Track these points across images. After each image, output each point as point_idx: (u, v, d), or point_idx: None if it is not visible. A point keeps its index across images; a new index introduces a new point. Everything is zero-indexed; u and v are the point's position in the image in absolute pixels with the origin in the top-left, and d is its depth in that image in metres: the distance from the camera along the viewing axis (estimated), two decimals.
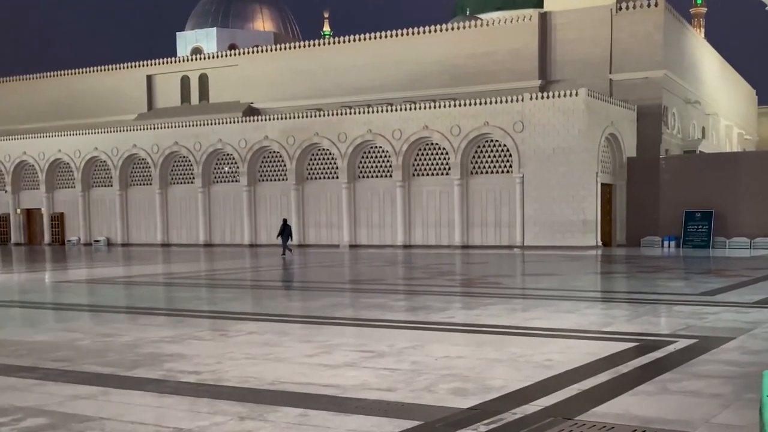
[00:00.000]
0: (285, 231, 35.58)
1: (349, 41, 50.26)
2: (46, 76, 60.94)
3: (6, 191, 55.02)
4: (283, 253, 35.60)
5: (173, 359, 9.80)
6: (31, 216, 55.21)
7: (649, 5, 43.24)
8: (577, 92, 37.64)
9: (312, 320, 13.39)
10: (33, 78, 61.73)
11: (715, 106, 54.13)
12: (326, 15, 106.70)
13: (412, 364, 9.14)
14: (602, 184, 38.78)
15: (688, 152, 46.03)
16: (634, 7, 43.39)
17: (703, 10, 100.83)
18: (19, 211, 55.25)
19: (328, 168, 44.27)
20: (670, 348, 9.97)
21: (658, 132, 42.90)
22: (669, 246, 38.32)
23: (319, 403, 7.36)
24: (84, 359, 9.98)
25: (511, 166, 39.30)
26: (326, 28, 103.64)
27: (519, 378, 8.27)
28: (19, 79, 62.56)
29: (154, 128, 49.40)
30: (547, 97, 38.42)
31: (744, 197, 37.70)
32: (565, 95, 37.85)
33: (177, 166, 49.00)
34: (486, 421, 6.62)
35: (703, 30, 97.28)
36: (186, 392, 8.00)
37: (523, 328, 12.02)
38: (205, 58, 56.45)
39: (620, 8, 43.52)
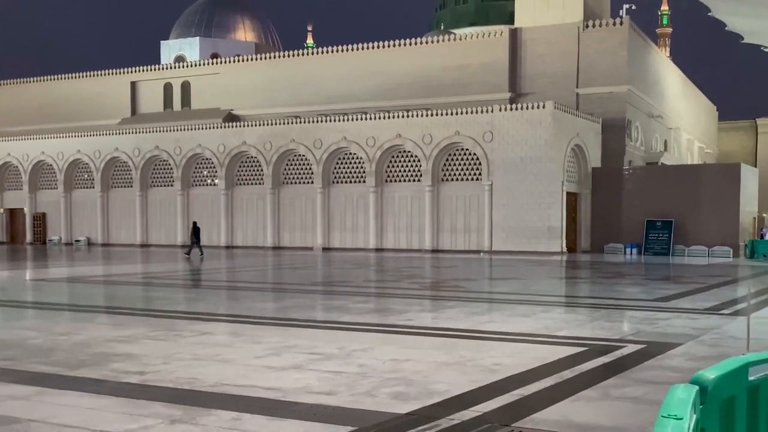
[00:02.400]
0: (195, 233, 36.21)
1: (327, 52, 49.92)
2: (33, 81, 60.04)
3: None
4: (187, 254, 35.75)
5: (120, 359, 9.31)
6: (13, 215, 54.23)
7: (614, 24, 43.32)
8: (544, 105, 37.52)
9: (268, 321, 12.92)
10: (19, 82, 60.80)
11: (677, 120, 54.37)
12: (310, 28, 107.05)
13: (358, 367, 8.71)
14: (568, 193, 38.64)
15: (651, 164, 46.08)
16: (601, 25, 43.45)
17: (669, 30, 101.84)
18: (1, 210, 54.26)
19: (304, 173, 43.86)
20: (618, 353, 9.62)
21: (622, 144, 42.91)
22: (631, 253, 38.20)
23: (255, 407, 6.91)
24: (30, 358, 9.46)
25: (480, 174, 39.08)
26: (309, 41, 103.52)
27: (463, 382, 7.86)
28: (6, 83, 61.55)
29: (136, 132, 48.80)
30: (516, 108, 38.28)
31: (703, 207, 37.69)
32: (532, 107, 37.71)
33: (157, 169, 48.41)
34: (421, 427, 6.20)
35: (667, 49, 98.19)
36: (124, 393, 7.52)
37: (477, 331, 11.62)
38: (187, 66, 55.85)
39: (587, 26, 43.58)
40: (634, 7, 45.89)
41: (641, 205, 38.93)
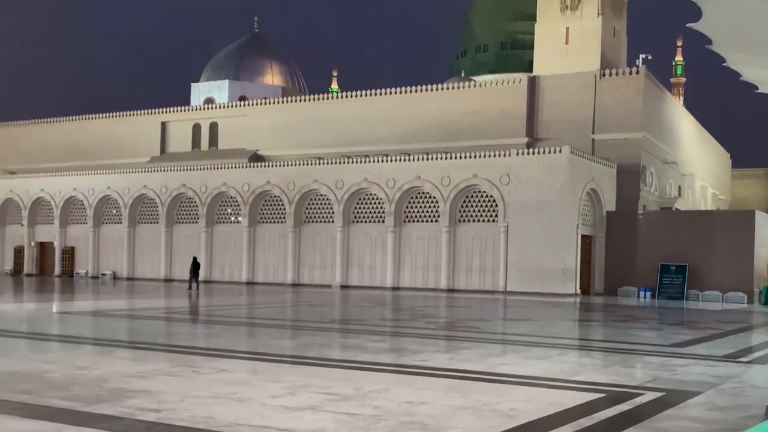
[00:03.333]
0: (195, 268, 36.73)
1: (350, 97, 50.23)
2: (67, 120, 60.80)
3: (23, 225, 54.46)
4: (190, 288, 36.16)
5: (137, 395, 9.07)
6: (44, 249, 54.51)
7: (630, 73, 43.29)
8: (560, 149, 37.32)
9: (285, 359, 12.64)
10: (53, 121, 61.59)
11: (691, 167, 53.91)
12: (335, 73, 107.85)
13: (373, 409, 8.40)
14: (582, 236, 38.24)
15: (665, 209, 45.56)
16: (617, 74, 43.44)
17: (683, 80, 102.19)
18: (33, 243, 54.57)
19: (325, 212, 43.80)
20: (637, 401, 9.23)
21: (637, 189, 42.52)
22: (645, 296, 37.53)
23: None
24: (48, 392, 9.25)
25: (496, 215, 38.81)
26: (334, 85, 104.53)
27: (480, 428, 7.53)
28: (40, 122, 62.41)
29: (164, 171, 49.14)
30: (533, 153, 38.14)
31: (717, 253, 37.06)
32: (549, 152, 37.54)
33: (183, 206, 48.57)
34: None
35: (681, 97, 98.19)
36: (138, 431, 7.27)
37: (492, 374, 11.26)
38: (216, 108, 56.37)
39: (604, 74, 43.60)
40: (649, 57, 45.90)
41: (655, 249, 38.36)
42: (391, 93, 48.67)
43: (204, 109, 56.82)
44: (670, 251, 37.88)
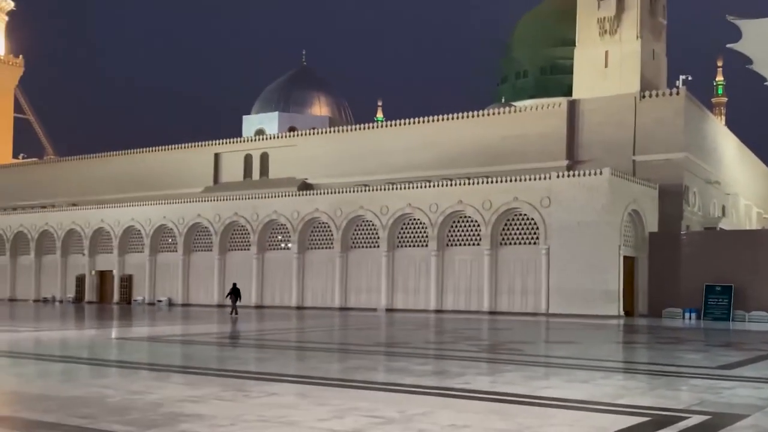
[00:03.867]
0: (235, 293, 37.03)
1: (394, 125, 50.57)
2: (125, 153, 62.34)
3: (84, 254, 55.81)
4: (233, 313, 36.43)
5: (190, 420, 9.14)
6: (103, 277, 55.75)
7: (671, 93, 42.74)
8: (601, 171, 36.93)
9: (333, 383, 12.63)
10: (113, 154, 63.19)
11: (735, 186, 52.68)
12: (380, 103, 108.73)
13: None
14: (624, 257, 37.61)
15: (709, 229, 44.53)
16: (657, 95, 42.91)
17: (724, 99, 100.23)
18: (93, 272, 55.85)
19: (371, 238, 44.02)
20: (682, 424, 8.96)
21: (679, 209, 41.68)
22: (690, 318, 36.66)
23: None
24: (106, 417, 9.39)
25: (537, 238, 38.47)
26: (379, 114, 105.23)
27: None
28: (100, 156, 64.10)
29: (217, 200, 49.94)
30: (573, 175, 37.78)
31: (763, 273, 36.04)
32: (589, 174, 37.16)
33: (235, 234, 49.29)
34: None
35: (723, 117, 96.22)
36: None
37: (535, 397, 11.07)
38: (266, 139, 57.24)
39: (644, 96, 43.07)
40: (690, 78, 45.26)
41: (699, 269, 37.48)
42: (432, 120, 48.84)
43: (255, 140, 57.70)
44: (714, 272, 36.97)
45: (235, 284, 38.98)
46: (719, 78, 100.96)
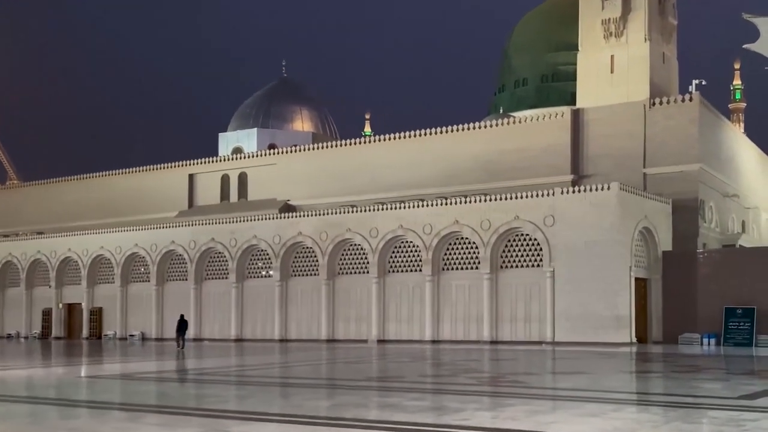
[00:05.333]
0: (182, 326, 38.18)
1: (383, 140, 50.70)
2: (93, 176, 62.35)
3: (50, 286, 55.56)
4: (180, 347, 37.33)
5: None
6: (71, 310, 55.49)
7: (683, 100, 42.90)
8: (609, 186, 37.09)
9: (320, 421, 12.58)
10: (80, 178, 63.22)
11: (755, 199, 52.91)
12: (367, 117, 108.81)
13: None
14: (636, 279, 37.64)
15: (728, 246, 44.66)
16: (668, 102, 43.08)
17: (742, 105, 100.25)
18: (61, 305, 55.57)
19: (359, 263, 43.98)
20: None
21: (695, 226, 41.84)
22: (708, 344, 36.66)
23: None
24: None
25: (541, 260, 38.55)
26: (367, 128, 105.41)
27: None
28: (67, 180, 64.07)
29: (192, 225, 49.90)
30: (579, 191, 37.95)
31: None
32: (596, 189, 37.32)
33: (212, 261, 49.20)
34: None
35: (742, 124, 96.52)
36: None
37: None
38: (245, 158, 57.35)
39: (654, 103, 43.28)
40: (704, 83, 45.47)
41: (719, 291, 37.56)
42: (425, 134, 49.06)
43: (232, 159, 57.81)
44: (735, 293, 37.07)
45: (182, 315, 39.92)
46: (736, 82, 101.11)
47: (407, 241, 42.36)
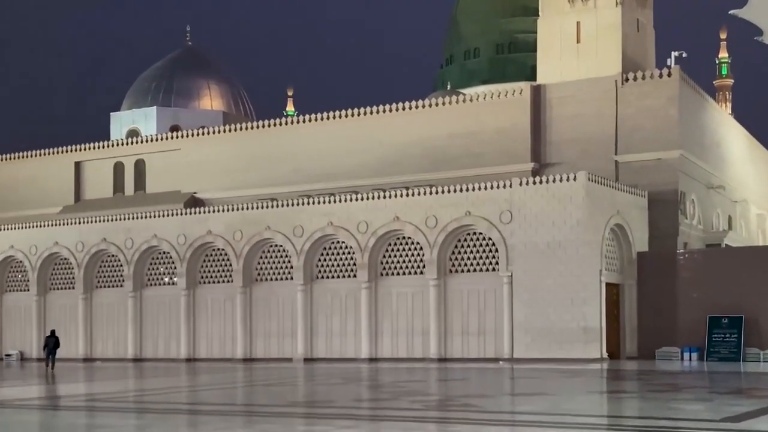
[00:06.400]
0: (51, 343, 39.24)
1: (309, 121, 50.60)
2: None
3: None
4: (51, 367, 38.35)
5: None
6: None
7: (661, 76, 43.62)
8: (575, 176, 37.63)
9: None
10: None
11: (743, 191, 54.24)
12: (290, 93, 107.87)
13: None
14: (607, 284, 38.33)
15: (712, 246, 45.79)
16: (644, 78, 43.71)
17: (729, 81, 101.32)
18: None
19: (282, 267, 43.91)
20: None
21: (675, 222, 42.78)
22: (690, 358, 37.59)
23: None
24: None
25: (497, 263, 38.95)
26: (290, 108, 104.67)
27: None
28: None
29: (79, 222, 49.17)
30: (541, 182, 38.43)
31: None
32: (561, 180, 37.84)
33: (105, 266, 48.63)
34: None
35: (729, 104, 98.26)
36: None
37: None
38: (142, 142, 56.71)
39: (627, 79, 43.92)
40: (684, 55, 45.96)
41: (701, 298, 38.48)
42: (359, 114, 49.18)
43: (127, 144, 57.13)
44: (720, 300, 38.00)
45: (53, 331, 40.38)
46: (723, 54, 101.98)
47: (338, 242, 42.40)
